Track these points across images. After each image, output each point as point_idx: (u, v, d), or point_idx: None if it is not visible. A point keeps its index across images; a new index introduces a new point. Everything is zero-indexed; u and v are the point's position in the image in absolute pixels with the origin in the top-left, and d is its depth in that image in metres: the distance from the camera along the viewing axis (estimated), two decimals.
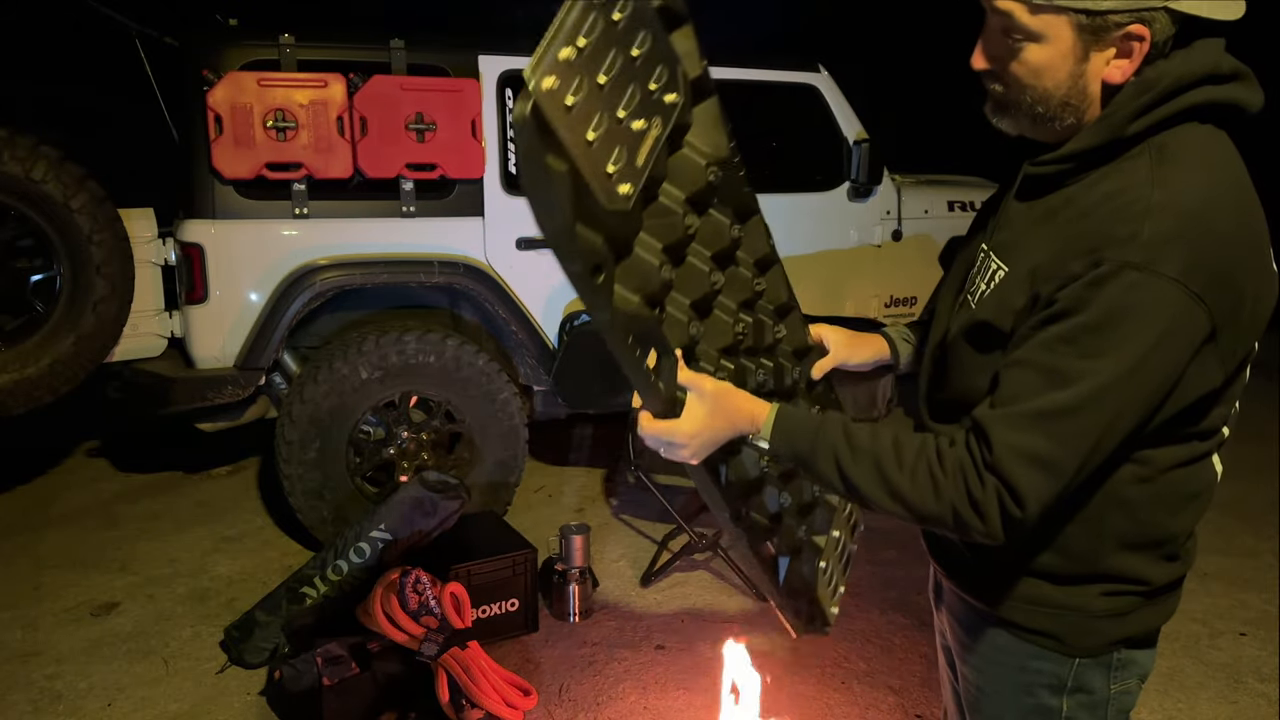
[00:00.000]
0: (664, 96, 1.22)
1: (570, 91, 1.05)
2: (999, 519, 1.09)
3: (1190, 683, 2.94)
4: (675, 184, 1.36)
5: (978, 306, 1.23)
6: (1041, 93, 1.13)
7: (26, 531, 4.06)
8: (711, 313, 1.46)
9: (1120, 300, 1.03)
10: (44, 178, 3.27)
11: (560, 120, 1.04)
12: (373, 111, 3.58)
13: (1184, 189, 1.06)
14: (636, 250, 1.28)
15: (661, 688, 2.90)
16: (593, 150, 1.10)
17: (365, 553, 3.17)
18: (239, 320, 3.64)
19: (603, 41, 1.10)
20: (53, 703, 2.81)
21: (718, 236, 1.45)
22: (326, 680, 2.64)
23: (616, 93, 1.13)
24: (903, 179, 4.89)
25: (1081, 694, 1.28)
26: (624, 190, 1.16)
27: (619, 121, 1.14)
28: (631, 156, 1.17)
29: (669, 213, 1.35)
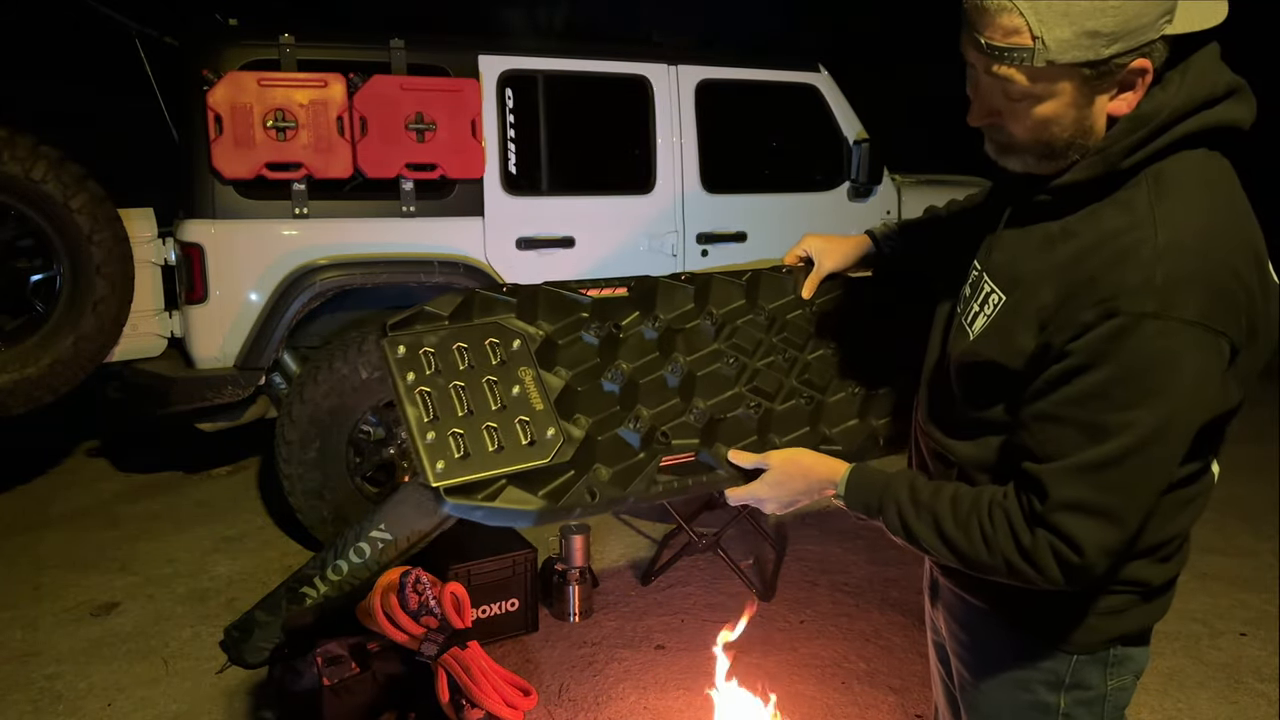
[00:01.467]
0: (510, 348, 1.51)
1: (455, 453, 1.37)
2: (1056, 568, 1.12)
3: (1190, 683, 2.94)
4: (583, 365, 1.57)
5: (977, 340, 1.22)
6: (1047, 139, 1.11)
7: (26, 531, 4.06)
8: (697, 385, 1.62)
9: (1146, 350, 1.03)
10: (44, 178, 3.27)
11: (467, 471, 1.35)
12: (373, 111, 3.58)
13: (1186, 225, 1.06)
14: (600, 438, 1.50)
15: (661, 688, 2.90)
16: (506, 452, 1.40)
17: (365, 553, 3.16)
18: (239, 320, 3.64)
19: (440, 398, 1.42)
20: (53, 703, 2.81)
21: (642, 343, 1.64)
22: (326, 680, 2.64)
23: (481, 404, 1.43)
24: (903, 179, 4.89)
25: (1079, 690, 1.29)
26: (550, 434, 1.44)
27: (502, 410, 1.44)
28: (531, 412, 1.45)
29: (598, 386, 1.56)
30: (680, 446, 1.52)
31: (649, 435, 1.52)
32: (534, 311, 1.59)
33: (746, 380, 1.64)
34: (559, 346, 1.58)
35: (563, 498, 1.40)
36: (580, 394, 1.53)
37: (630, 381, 1.58)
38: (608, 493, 1.43)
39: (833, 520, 4.21)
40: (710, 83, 4.23)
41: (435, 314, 1.51)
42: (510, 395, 1.46)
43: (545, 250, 4.00)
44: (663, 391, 1.59)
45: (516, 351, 1.52)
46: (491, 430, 1.42)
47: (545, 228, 3.99)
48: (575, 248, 4.05)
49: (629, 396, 1.57)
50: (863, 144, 4.44)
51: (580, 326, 1.61)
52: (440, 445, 1.37)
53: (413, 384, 1.43)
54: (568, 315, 1.61)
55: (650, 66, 4.13)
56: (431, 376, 1.44)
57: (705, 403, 1.59)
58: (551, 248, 4.01)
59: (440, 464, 1.35)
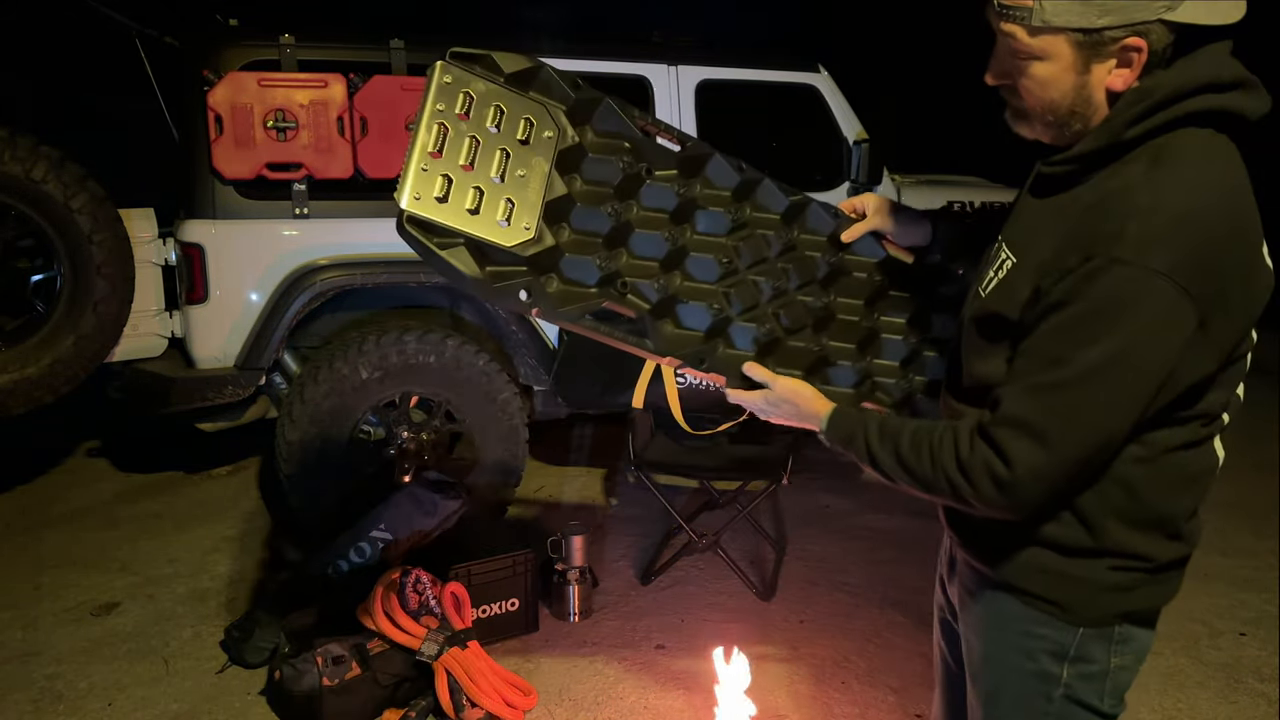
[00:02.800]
0: (541, 136, 1.54)
1: (436, 190, 1.44)
2: (988, 481, 1.20)
3: (1190, 683, 2.94)
4: (597, 186, 1.61)
5: (987, 296, 1.30)
6: (1049, 103, 1.21)
7: (26, 531, 4.06)
8: (684, 262, 1.66)
9: (1110, 292, 1.11)
10: (44, 178, 3.27)
11: (436, 212, 1.43)
12: (373, 111, 3.58)
13: (1175, 190, 1.13)
14: (567, 255, 1.55)
15: (661, 688, 2.90)
16: (479, 216, 1.46)
17: (365, 553, 3.17)
18: (239, 320, 3.64)
19: (453, 139, 1.46)
20: (53, 702, 2.81)
21: (663, 199, 1.66)
22: (326, 680, 2.64)
23: (484, 165, 1.48)
24: (903, 179, 4.89)
25: (1082, 663, 1.33)
26: (524, 225, 1.49)
27: (498, 181, 1.49)
28: (521, 199, 1.50)
29: (594, 213, 1.60)
30: (631, 304, 1.58)
31: (610, 278, 1.58)
32: (585, 117, 1.61)
33: (727, 282, 1.67)
34: (586, 158, 1.61)
35: (502, 281, 1.46)
36: (575, 209, 1.58)
37: (625, 224, 1.62)
38: (542, 301, 1.50)
39: (833, 520, 4.21)
40: (710, 83, 4.23)
41: (496, 67, 1.53)
42: (514, 174, 1.51)
43: None
44: (650, 250, 1.64)
45: (544, 141, 1.55)
46: (478, 192, 1.47)
47: None
48: None
49: (617, 237, 1.61)
50: (862, 144, 4.44)
51: (615, 152, 1.63)
52: (428, 179, 1.44)
53: (438, 113, 1.47)
54: (613, 138, 1.64)
55: (650, 67, 4.13)
56: (457, 117, 1.48)
57: (676, 282, 1.64)
58: None
59: (418, 194, 1.43)
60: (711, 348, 1.63)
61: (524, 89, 1.55)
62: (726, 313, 1.65)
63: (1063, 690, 1.34)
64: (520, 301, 1.49)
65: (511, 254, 1.49)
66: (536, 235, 1.51)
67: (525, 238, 1.49)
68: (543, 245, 1.52)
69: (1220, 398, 1.24)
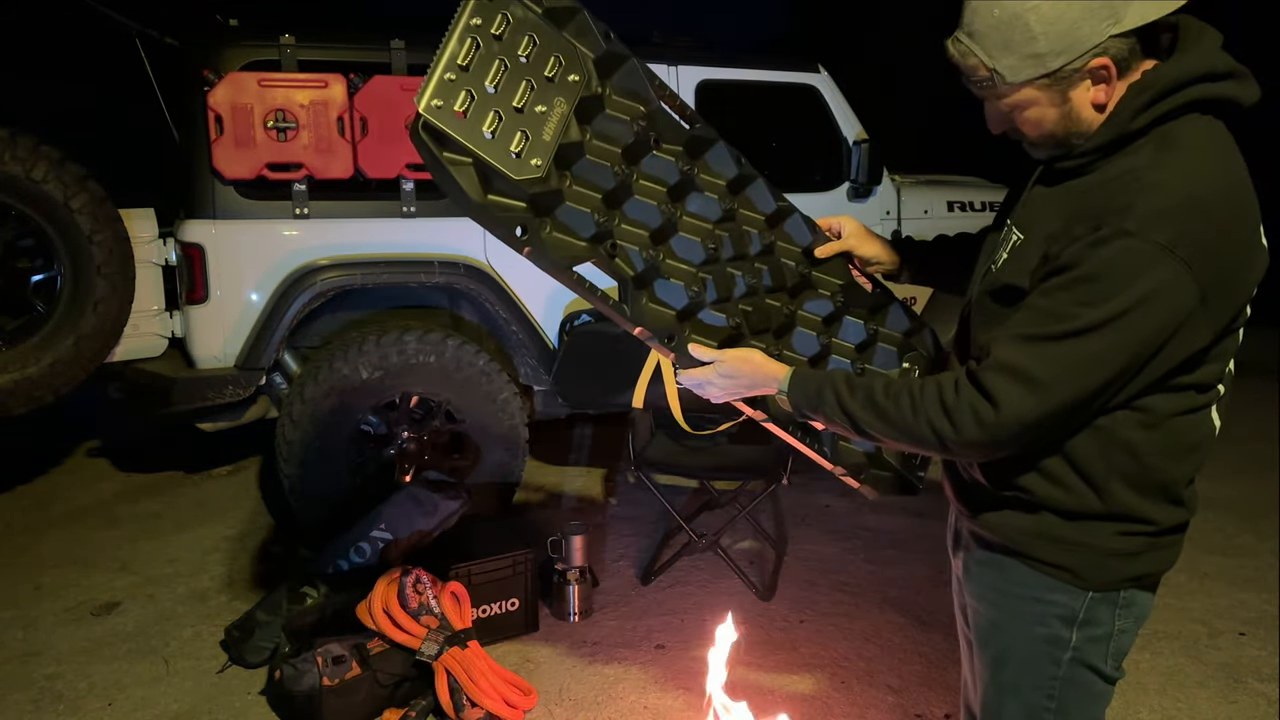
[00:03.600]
0: (566, 78, 1.52)
1: (458, 103, 1.41)
2: (972, 422, 1.26)
3: (1190, 682, 2.94)
4: (606, 142, 1.60)
5: (1000, 270, 1.38)
6: (1049, 133, 1.30)
7: (26, 531, 4.07)
8: (671, 239, 1.66)
9: (1114, 259, 1.17)
10: (45, 178, 3.27)
11: (453, 126, 1.41)
12: (373, 112, 3.58)
13: (1179, 170, 1.20)
14: (567, 203, 1.54)
15: (661, 688, 2.91)
16: (494, 141, 1.44)
17: (366, 552, 3.18)
18: (240, 320, 3.64)
19: (483, 57, 1.44)
20: (53, 702, 2.81)
21: (666, 172, 1.66)
22: (326, 680, 2.64)
23: (508, 92, 1.46)
24: (903, 179, 4.89)
25: (1090, 626, 1.38)
26: (534, 163, 1.47)
27: (518, 111, 1.47)
28: (537, 135, 1.48)
29: (601, 167, 1.58)
30: (617, 268, 1.59)
31: (603, 235, 1.58)
32: (608, 71, 1.61)
33: (708, 268, 1.69)
34: (603, 114, 1.60)
35: (502, 212, 1.46)
36: (582, 160, 1.57)
37: (625, 187, 1.62)
38: (534, 241, 1.49)
39: (833, 520, 4.21)
40: (710, 83, 4.24)
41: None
42: (534, 109, 1.49)
43: None
44: (644, 218, 1.64)
45: (569, 84, 1.54)
46: (497, 117, 1.45)
47: None
48: None
49: (616, 197, 1.61)
50: (862, 144, 4.44)
51: (630, 114, 1.63)
52: (452, 90, 1.41)
53: (472, 28, 1.44)
54: (631, 99, 1.64)
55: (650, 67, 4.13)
56: (490, 37, 1.46)
57: (661, 256, 1.64)
58: None
59: (439, 101, 1.40)
60: (681, 328, 1.64)
61: (559, 27, 1.54)
62: (701, 297, 1.67)
63: (1071, 653, 1.40)
64: (514, 237, 1.48)
65: (516, 187, 1.47)
66: (544, 175, 1.49)
67: (533, 175, 1.48)
68: (547, 187, 1.50)
69: (1216, 369, 1.30)
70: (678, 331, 1.63)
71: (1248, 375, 1.32)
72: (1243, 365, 1.42)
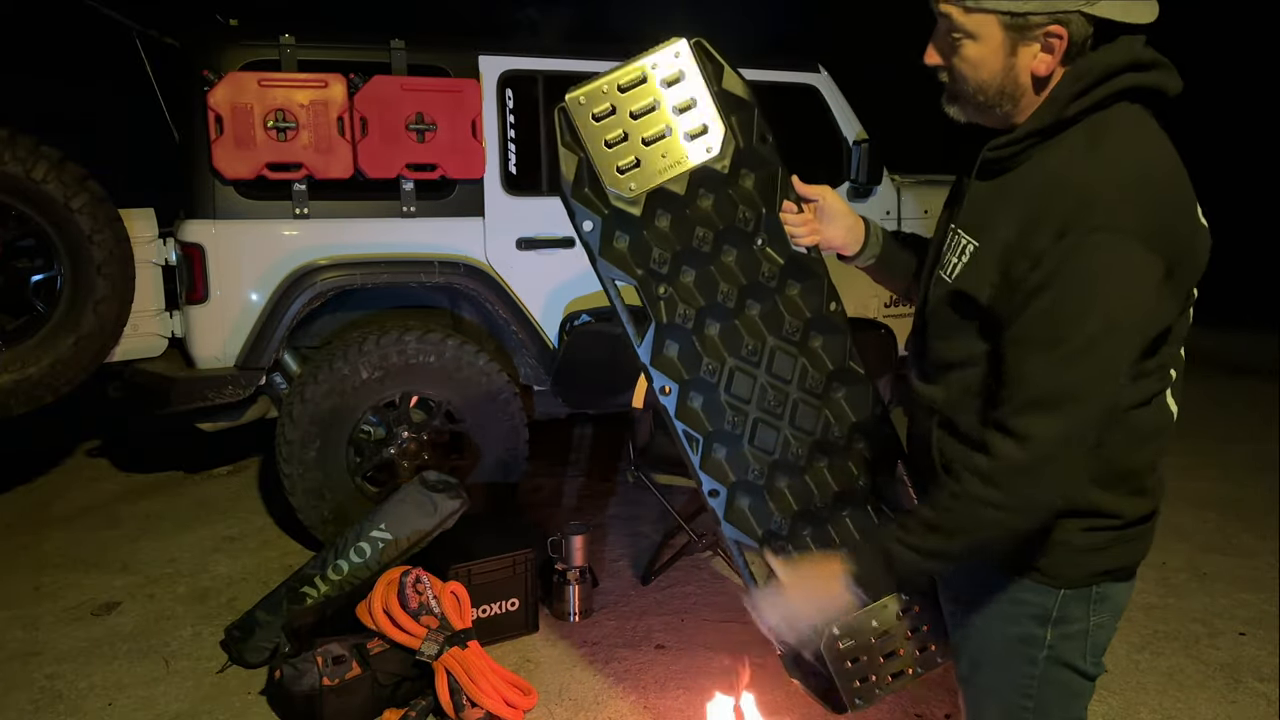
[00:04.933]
0: (703, 148, 1.66)
1: (597, 108, 1.62)
2: (1013, 475, 1.23)
3: (1190, 682, 2.94)
4: (710, 213, 1.71)
5: (954, 279, 1.36)
6: (980, 83, 1.30)
7: (26, 531, 4.07)
8: (721, 322, 1.72)
9: (1092, 262, 1.18)
10: (45, 178, 3.27)
11: (583, 123, 1.61)
12: (373, 112, 3.58)
13: (1122, 156, 1.23)
14: (644, 233, 1.66)
15: (661, 688, 2.91)
16: (608, 151, 1.62)
17: (366, 552, 3.18)
18: (239, 320, 3.64)
19: (642, 90, 1.63)
20: (53, 702, 2.81)
21: (748, 270, 1.73)
22: (326, 680, 2.64)
23: (646, 125, 1.64)
24: (903, 179, 4.89)
25: (1064, 624, 1.38)
26: (631, 185, 1.64)
27: (643, 143, 1.64)
28: (648, 169, 1.64)
29: (691, 229, 1.70)
30: (655, 309, 1.67)
31: (659, 275, 1.68)
32: (746, 164, 1.71)
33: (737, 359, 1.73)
34: (721, 191, 1.71)
35: (584, 201, 1.62)
36: (677, 215, 1.69)
37: (703, 256, 1.71)
38: (596, 242, 1.63)
39: None
40: None
41: (719, 76, 1.68)
42: (658, 151, 1.65)
43: (545, 250, 4.00)
44: (704, 292, 1.71)
45: (701, 150, 1.67)
46: (623, 136, 1.63)
47: (545, 228, 3.99)
48: (575, 248, 4.04)
49: (688, 259, 1.71)
50: (862, 144, 4.44)
51: (748, 205, 1.71)
52: (599, 99, 1.61)
53: (651, 67, 1.64)
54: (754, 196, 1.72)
55: None
56: (660, 81, 1.64)
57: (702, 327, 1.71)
58: (552, 248, 4.01)
59: (583, 100, 1.60)
60: (681, 396, 1.68)
61: (724, 110, 1.68)
62: (711, 381, 1.70)
63: (1046, 652, 1.40)
64: (582, 228, 1.62)
65: (605, 194, 1.63)
66: (634, 200, 1.64)
67: (626, 194, 1.63)
68: (632, 210, 1.64)
69: (1171, 351, 1.32)
70: (673, 384, 1.67)
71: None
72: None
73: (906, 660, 1.71)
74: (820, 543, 1.74)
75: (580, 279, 4.06)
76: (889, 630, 1.69)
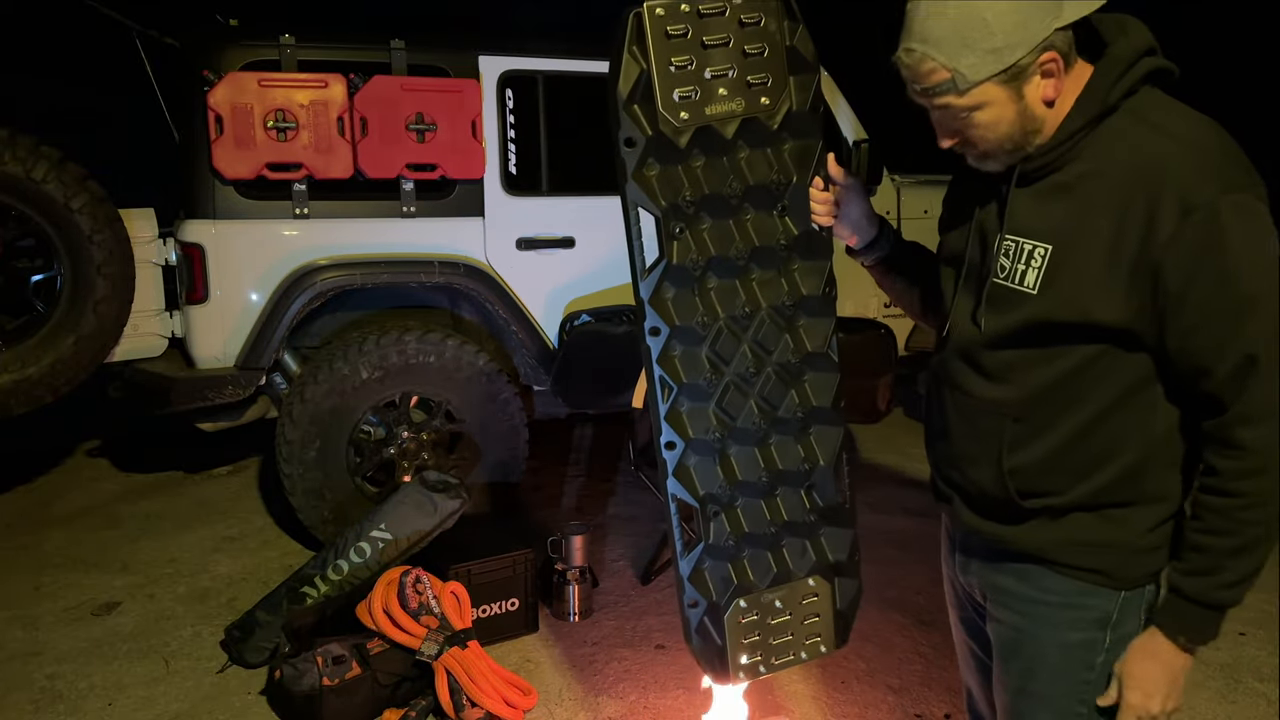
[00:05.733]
0: (759, 97, 1.62)
1: (672, 26, 1.53)
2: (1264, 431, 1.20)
3: (1190, 683, 2.91)
4: (744, 167, 1.66)
5: (1043, 293, 1.30)
6: (1002, 138, 1.29)
7: (26, 531, 4.07)
8: (723, 275, 1.69)
9: (1234, 221, 1.18)
10: (45, 178, 3.27)
11: (656, 36, 1.53)
12: (373, 112, 3.58)
13: (1192, 129, 1.24)
14: (678, 168, 1.62)
15: (661, 688, 2.91)
16: (670, 72, 1.55)
17: (366, 552, 3.18)
18: (239, 320, 3.64)
19: (721, 23, 1.56)
20: (53, 702, 2.81)
21: (766, 234, 1.70)
22: (326, 680, 2.64)
23: (714, 59, 1.57)
24: (903, 179, 4.89)
25: (1122, 626, 1.38)
26: (683, 115, 1.58)
27: (705, 74, 1.58)
28: (703, 103, 1.58)
29: (725, 176, 1.65)
30: (670, 246, 1.64)
31: (680, 211, 1.64)
32: (793, 127, 1.68)
33: (735, 320, 1.73)
34: (762, 145, 1.67)
35: (630, 119, 1.57)
36: (716, 156, 1.65)
37: (729, 207, 1.68)
38: (632, 162, 1.59)
39: None
40: None
41: (793, 33, 1.64)
42: (717, 88, 1.59)
43: (545, 250, 4.00)
44: (719, 242, 1.68)
45: (758, 102, 1.63)
46: (689, 62, 1.57)
47: (545, 228, 3.99)
48: (575, 248, 4.05)
49: (714, 206, 1.67)
50: (862, 144, 4.44)
51: (781, 169, 1.69)
52: (679, 18, 1.55)
53: (734, 3, 1.58)
54: (789, 160, 1.70)
55: None
56: (738, 20, 1.59)
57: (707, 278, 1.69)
58: (551, 248, 4.01)
59: (662, 13, 1.54)
60: (667, 342, 1.68)
61: (789, 67, 1.64)
62: (701, 333, 1.69)
63: (1104, 655, 1.39)
64: (623, 142, 1.58)
65: (656, 115, 1.57)
66: (681, 129, 1.59)
67: (674, 122, 1.57)
68: (675, 139, 1.59)
69: None
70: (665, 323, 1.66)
71: None
72: None
73: (796, 644, 1.78)
74: (750, 516, 1.75)
75: (580, 279, 4.06)
76: (790, 612, 1.76)
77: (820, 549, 1.81)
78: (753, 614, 1.74)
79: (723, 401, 1.72)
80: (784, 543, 1.78)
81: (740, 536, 1.75)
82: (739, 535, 1.75)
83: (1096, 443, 1.32)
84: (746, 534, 1.75)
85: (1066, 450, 1.33)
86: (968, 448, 1.44)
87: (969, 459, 1.44)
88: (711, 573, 1.74)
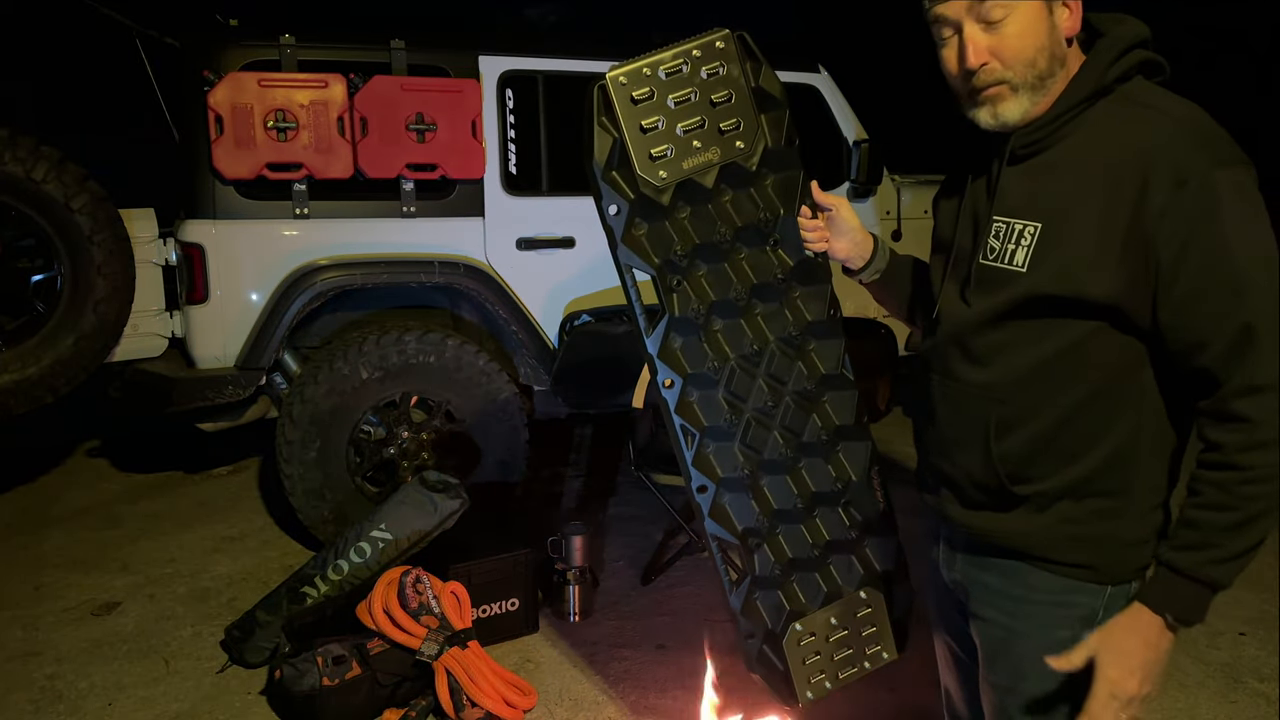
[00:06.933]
0: (734, 142, 1.65)
1: (637, 91, 1.58)
2: (1268, 401, 1.18)
3: (1190, 682, 2.94)
4: (730, 209, 1.69)
5: (1033, 269, 1.29)
6: (1033, 55, 1.27)
7: (27, 531, 4.07)
8: (728, 320, 1.71)
9: (1225, 192, 1.18)
10: (45, 178, 3.27)
11: (623, 103, 1.58)
12: (373, 112, 3.58)
13: (1186, 110, 1.25)
14: (665, 223, 1.64)
15: (661, 688, 2.91)
16: (643, 136, 1.59)
17: (366, 552, 3.18)
18: (240, 320, 3.64)
19: (683, 79, 1.61)
20: (53, 702, 2.81)
21: (761, 271, 1.71)
22: (326, 680, 2.64)
23: (683, 114, 1.62)
24: (903, 179, 4.89)
25: None
26: (662, 174, 1.61)
27: (679, 132, 1.62)
28: (680, 158, 1.62)
29: (712, 223, 1.68)
30: (668, 300, 1.66)
31: (674, 267, 1.66)
32: (772, 165, 1.70)
33: (742, 362, 1.73)
34: (746, 187, 1.70)
35: (611, 184, 1.59)
36: (701, 206, 1.68)
37: (721, 252, 1.70)
38: (620, 226, 1.61)
39: None
40: None
41: (755, 74, 1.67)
42: (691, 141, 1.63)
43: (545, 250, 4.00)
44: (718, 288, 1.71)
45: (733, 146, 1.66)
46: (659, 123, 1.60)
47: (545, 228, 3.99)
48: (575, 248, 4.05)
49: (706, 254, 1.70)
50: (862, 144, 4.44)
51: (767, 207, 1.70)
52: (640, 83, 1.59)
53: (693, 57, 1.62)
54: (773, 199, 1.71)
55: None
56: (702, 74, 1.62)
57: (710, 324, 1.70)
58: (552, 248, 4.01)
59: (625, 81, 1.58)
60: (682, 391, 1.68)
61: (758, 107, 1.67)
62: (713, 377, 1.70)
63: None
64: (608, 211, 1.60)
65: (635, 178, 1.60)
66: (662, 188, 1.61)
67: (654, 182, 1.61)
68: (658, 198, 1.62)
69: None
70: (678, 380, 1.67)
71: None
72: None
73: (858, 655, 1.78)
74: (792, 542, 1.76)
75: (580, 279, 4.06)
76: (846, 627, 1.75)
77: (867, 561, 1.81)
78: (809, 635, 1.73)
79: (746, 438, 1.73)
80: (830, 561, 1.78)
81: (785, 563, 1.75)
82: (783, 562, 1.75)
83: (1084, 426, 1.31)
84: (791, 559, 1.75)
85: (1054, 433, 1.32)
86: (957, 434, 1.42)
87: (959, 445, 1.42)
88: (763, 602, 1.73)
